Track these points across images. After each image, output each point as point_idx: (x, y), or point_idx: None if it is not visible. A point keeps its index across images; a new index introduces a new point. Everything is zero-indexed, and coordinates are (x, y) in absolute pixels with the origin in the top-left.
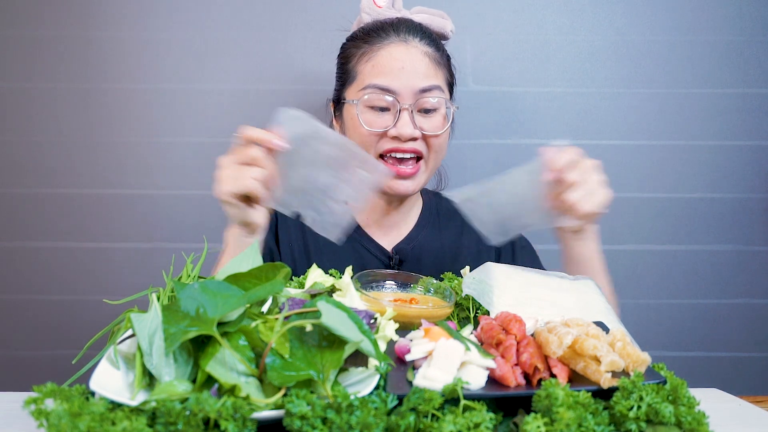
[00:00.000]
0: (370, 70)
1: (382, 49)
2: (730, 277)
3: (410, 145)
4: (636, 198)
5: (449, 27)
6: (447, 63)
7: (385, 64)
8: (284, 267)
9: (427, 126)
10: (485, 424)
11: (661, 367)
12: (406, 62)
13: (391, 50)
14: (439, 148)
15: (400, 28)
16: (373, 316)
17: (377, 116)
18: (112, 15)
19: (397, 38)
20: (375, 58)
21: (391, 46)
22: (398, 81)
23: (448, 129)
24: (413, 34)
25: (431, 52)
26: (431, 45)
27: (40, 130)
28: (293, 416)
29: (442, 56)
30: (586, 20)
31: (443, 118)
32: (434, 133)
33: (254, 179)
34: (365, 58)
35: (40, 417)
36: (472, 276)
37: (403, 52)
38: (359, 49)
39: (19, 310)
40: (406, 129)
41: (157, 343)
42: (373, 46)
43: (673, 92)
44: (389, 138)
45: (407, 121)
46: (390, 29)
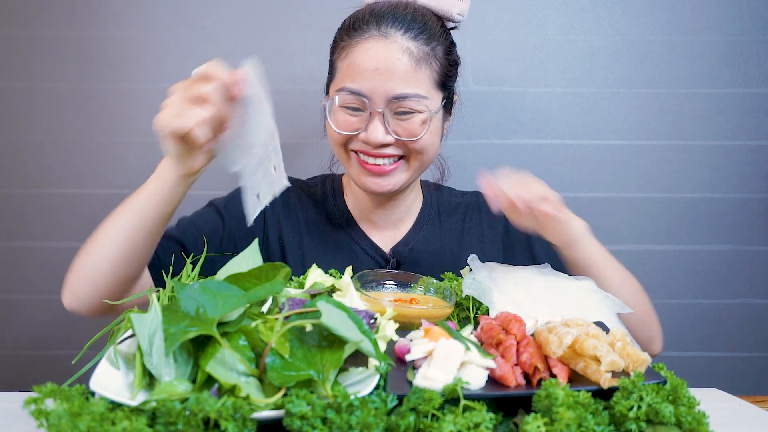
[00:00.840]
0: (345, 69)
1: (359, 45)
2: (730, 277)
3: (381, 151)
4: (636, 198)
5: (456, 9)
6: (441, 55)
7: (359, 64)
8: (284, 267)
9: (402, 131)
10: (485, 424)
11: (661, 367)
12: (380, 62)
13: (368, 47)
14: (421, 150)
15: (384, 19)
16: (373, 316)
17: (349, 116)
18: (112, 15)
19: (376, 32)
20: (351, 55)
21: (369, 41)
22: (371, 84)
23: (434, 130)
24: (397, 25)
25: (416, 47)
26: (419, 37)
27: (40, 130)
28: (293, 416)
29: (433, 48)
30: (586, 20)
31: (422, 123)
32: (410, 138)
33: (199, 120)
34: (344, 53)
35: (40, 417)
36: (472, 276)
37: (380, 49)
38: (341, 42)
39: (19, 310)
40: (375, 135)
41: (157, 343)
42: (352, 41)
43: (673, 92)
44: (361, 142)
45: (377, 126)
46: (372, 21)
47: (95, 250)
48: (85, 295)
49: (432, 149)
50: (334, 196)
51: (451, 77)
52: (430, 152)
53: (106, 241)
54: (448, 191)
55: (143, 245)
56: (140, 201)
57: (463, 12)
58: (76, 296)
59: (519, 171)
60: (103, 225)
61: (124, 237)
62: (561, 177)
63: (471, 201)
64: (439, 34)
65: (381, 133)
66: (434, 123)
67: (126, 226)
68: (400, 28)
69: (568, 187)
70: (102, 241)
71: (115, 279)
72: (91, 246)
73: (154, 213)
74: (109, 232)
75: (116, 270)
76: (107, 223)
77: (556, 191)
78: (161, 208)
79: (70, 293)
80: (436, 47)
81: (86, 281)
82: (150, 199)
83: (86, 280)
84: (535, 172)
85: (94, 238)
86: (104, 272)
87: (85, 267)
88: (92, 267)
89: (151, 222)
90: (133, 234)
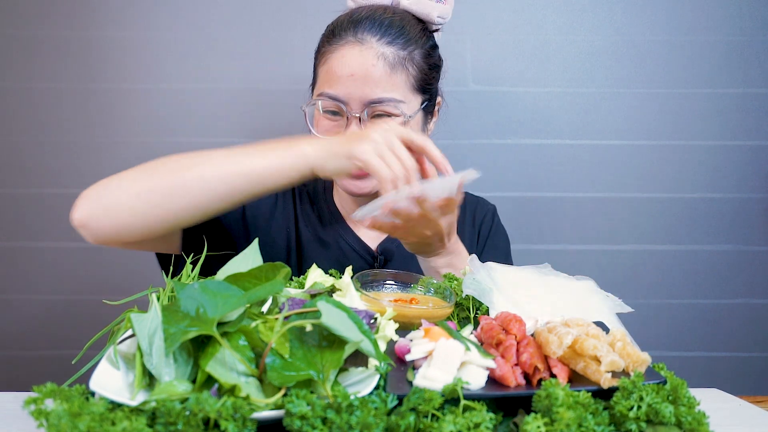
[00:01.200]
0: (324, 75)
1: (336, 51)
2: (730, 277)
3: None
4: (636, 198)
5: (437, 12)
6: (420, 59)
7: (335, 70)
8: (284, 267)
9: None
10: (485, 424)
11: (661, 367)
12: (355, 68)
13: (344, 53)
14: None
15: (360, 25)
16: (373, 316)
17: (330, 121)
18: (112, 15)
19: (353, 38)
20: (329, 62)
21: (345, 47)
22: (346, 90)
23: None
24: (373, 31)
25: (391, 53)
26: (394, 42)
27: (40, 130)
28: (293, 416)
29: (411, 53)
30: (586, 20)
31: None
32: None
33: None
34: (323, 59)
35: (40, 417)
36: (472, 276)
37: (355, 55)
38: (322, 48)
39: (19, 310)
40: None
41: (157, 343)
42: (330, 47)
43: (673, 92)
44: None
45: (355, 129)
46: (350, 27)
47: (175, 182)
48: (115, 223)
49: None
50: (325, 194)
51: (431, 80)
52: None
53: (197, 183)
54: None
55: (233, 206)
56: (263, 171)
57: (443, 15)
58: (101, 217)
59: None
60: (194, 162)
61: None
62: (561, 177)
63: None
64: (418, 37)
65: None
66: (412, 127)
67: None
68: (375, 34)
69: (568, 187)
70: (192, 179)
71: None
72: (169, 177)
73: (270, 189)
74: (207, 175)
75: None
76: (202, 162)
77: (557, 191)
78: (280, 187)
79: (94, 211)
80: (413, 51)
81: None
82: (274, 176)
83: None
84: (535, 172)
85: (178, 171)
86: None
87: (147, 194)
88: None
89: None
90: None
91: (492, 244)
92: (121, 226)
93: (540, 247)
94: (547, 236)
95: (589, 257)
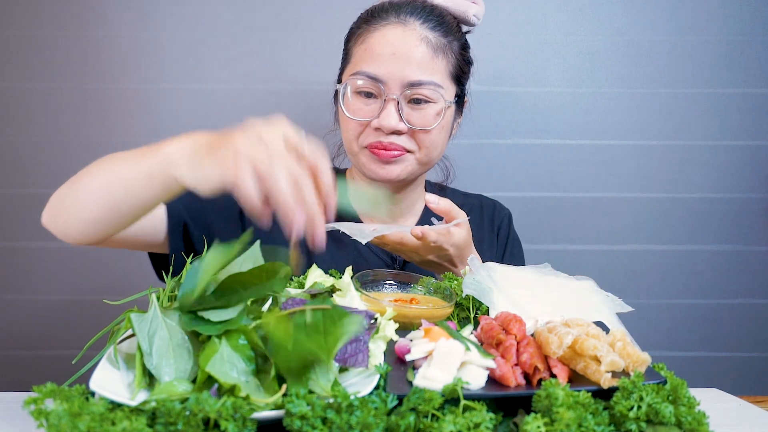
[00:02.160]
0: (362, 53)
1: (377, 31)
2: (730, 277)
3: (392, 140)
4: (636, 198)
5: (473, 11)
6: (457, 50)
7: (376, 48)
8: (284, 266)
9: (416, 119)
10: (485, 424)
11: (661, 367)
12: (398, 47)
13: (386, 32)
14: (430, 144)
15: (403, 9)
16: (373, 316)
17: (364, 104)
18: (112, 15)
19: (395, 19)
20: (368, 41)
21: (387, 27)
22: (387, 69)
23: (446, 125)
24: (416, 15)
25: (433, 37)
26: (437, 29)
27: (40, 130)
28: (293, 416)
29: (450, 42)
30: (586, 20)
31: (436, 114)
32: (423, 128)
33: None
34: (361, 39)
35: (40, 417)
36: (472, 276)
37: (398, 35)
38: (358, 30)
39: (19, 310)
40: (389, 120)
41: (157, 343)
42: (370, 27)
43: (673, 92)
44: (373, 129)
45: (392, 112)
46: (391, 9)
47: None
48: (62, 225)
49: (440, 145)
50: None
51: (465, 74)
52: (438, 148)
53: (87, 193)
54: (452, 192)
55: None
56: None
57: (478, 15)
58: (53, 222)
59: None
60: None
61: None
62: (561, 177)
63: (474, 203)
64: (455, 30)
65: (395, 119)
66: (447, 117)
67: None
68: (419, 18)
69: (568, 187)
70: (85, 190)
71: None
72: (76, 186)
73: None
74: (93, 185)
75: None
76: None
77: (556, 191)
78: (153, 200)
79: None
80: (452, 41)
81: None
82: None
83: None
84: (535, 172)
85: (82, 178)
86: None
87: (66, 202)
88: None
89: (140, 205)
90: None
91: (510, 252)
92: (68, 230)
93: (540, 247)
94: (547, 236)
95: (589, 257)
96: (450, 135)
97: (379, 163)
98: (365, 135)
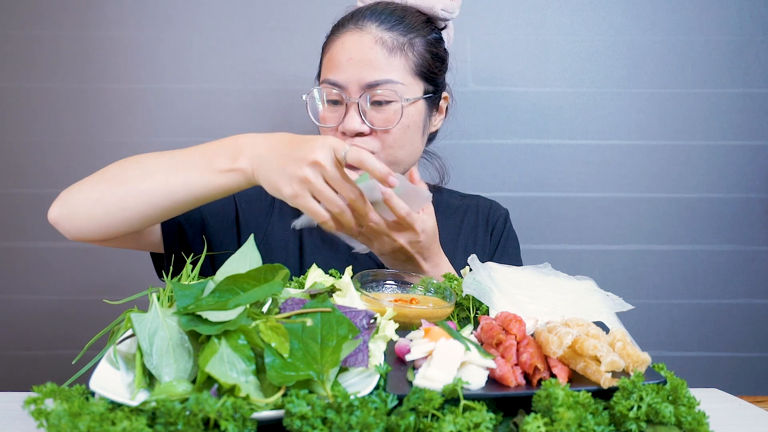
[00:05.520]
0: (326, 63)
1: (338, 39)
2: (730, 277)
3: (357, 142)
4: (636, 198)
5: (440, 5)
6: (421, 46)
7: (335, 57)
8: (283, 268)
9: (377, 120)
10: (485, 424)
11: (661, 367)
12: (353, 53)
13: (344, 40)
14: (393, 143)
15: (362, 15)
16: (373, 316)
17: (331, 111)
18: (111, 15)
19: (353, 26)
20: (330, 50)
21: (345, 35)
22: (344, 74)
23: (411, 123)
24: (373, 18)
25: (389, 37)
26: (394, 29)
27: (39, 130)
28: (293, 416)
29: (411, 39)
30: (586, 20)
31: (395, 112)
32: (384, 128)
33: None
34: (326, 50)
35: (40, 417)
36: (472, 276)
37: (354, 41)
38: (326, 40)
39: (19, 310)
40: (351, 124)
41: (157, 343)
42: (334, 37)
43: (673, 92)
44: (340, 134)
45: (353, 116)
46: (352, 17)
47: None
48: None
49: (406, 144)
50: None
51: (435, 70)
52: (405, 147)
53: (141, 195)
54: (449, 193)
55: (178, 213)
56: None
57: (447, 8)
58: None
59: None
60: (142, 171)
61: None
62: (561, 177)
63: (470, 204)
64: (420, 27)
65: (357, 122)
66: (410, 114)
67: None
68: (375, 21)
69: (568, 187)
70: (136, 191)
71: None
72: (119, 186)
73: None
74: (150, 188)
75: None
76: (149, 173)
77: (556, 191)
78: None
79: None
80: (414, 38)
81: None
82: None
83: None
84: (535, 172)
85: (127, 181)
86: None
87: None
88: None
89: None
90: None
91: (503, 251)
92: (84, 228)
93: (540, 247)
94: (547, 236)
95: (589, 257)
96: (424, 132)
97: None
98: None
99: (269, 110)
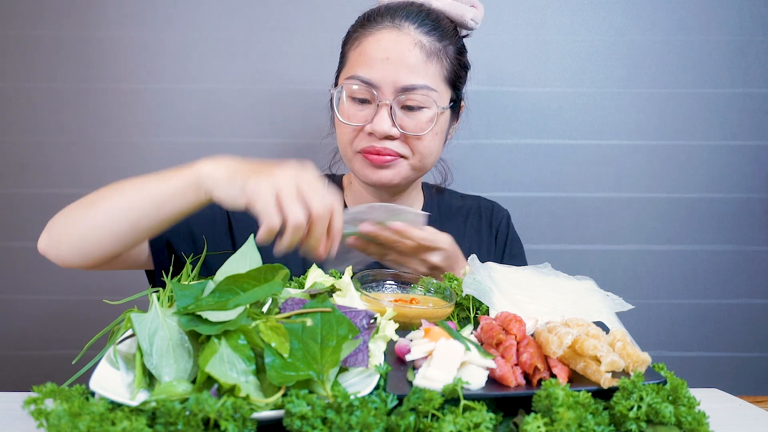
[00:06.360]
0: (357, 58)
1: (372, 36)
2: (730, 277)
3: (386, 145)
4: (636, 198)
5: (471, 14)
6: (452, 54)
7: (369, 53)
8: (283, 268)
9: (408, 125)
10: (485, 424)
11: (661, 367)
12: (391, 52)
13: (380, 37)
14: (423, 149)
15: (398, 14)
16: (373, 316)
17: (358, 109)
18: (111, 15)
19: (390, 24)
20: (363, 45)
21: (382, 32)
22: (380, 73)
23: (439, 131)
24: (411, 19)
25: (428, 42)
26: (431, 33)
27: (40, 130)
28: (293, 416)
29: (445, 46)
30: (586, 20)
31: (428, 120)
32: (415, 133)
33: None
34: (356, 43)
35: (40, 417)
36: (472, 276)
37: (392, 40)
38: (354, 33)
39: (19, 310)
40: (381, 125)
41: (157, 343)
42: (365, 31)
43: (673, 92)
44: (366, 134)
45: (384, 117)
46: (386, 14)
47: (94, 214)
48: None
49: (434, 151)
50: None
51: (461, 79)
52: (433, 154)
53: (108, 213)
54: (449, 194)
55: (151, 231)
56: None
57: (476, 19)
58: (55, 247)
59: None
60: (111, 192)
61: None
62: (561, 177)
63: (472, 205)
64: (452, 34)
65: (387, 124)
66: (440, 122)
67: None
68: (413, 22)
69: (568, 187)
70: (105, 210)
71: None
72: (90, 209)
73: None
74: (117, 205)
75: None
76: (116, 192)
77: (556, 191)
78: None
79: (49, 241)
80: (447, 46)
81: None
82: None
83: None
84: (535, 172)
85: (97, 202)
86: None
87: (76, 226)
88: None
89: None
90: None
91: (510, 253)
92: (68, 254)
93: (540, 247)
94: (547, 236)
95: (589, 257)
96: (445, 140)
97: (372, 167)
98: (359, 140)
99: (269, 110)
